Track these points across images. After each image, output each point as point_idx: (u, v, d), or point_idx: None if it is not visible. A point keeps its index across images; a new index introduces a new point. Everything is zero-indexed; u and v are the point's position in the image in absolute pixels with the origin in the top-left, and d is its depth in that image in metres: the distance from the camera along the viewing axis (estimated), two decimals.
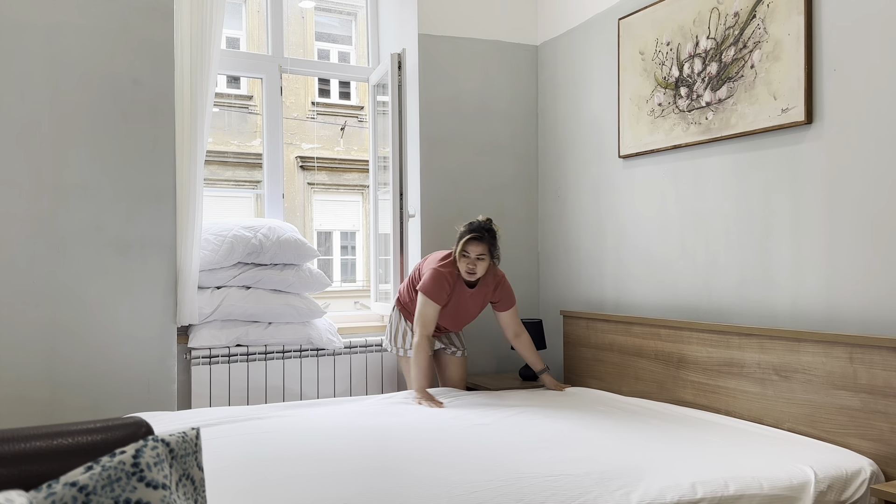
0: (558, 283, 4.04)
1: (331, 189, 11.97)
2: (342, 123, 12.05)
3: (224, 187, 10.94)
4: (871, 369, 2.35)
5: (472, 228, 3.26)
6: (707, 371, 2.94)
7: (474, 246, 3.22)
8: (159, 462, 1.12)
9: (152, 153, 3.30)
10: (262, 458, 2.26)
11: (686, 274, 3.18)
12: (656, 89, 3.30)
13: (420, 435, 2.53)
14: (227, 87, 11.25)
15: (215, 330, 3.51)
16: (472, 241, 3.22)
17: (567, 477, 2.04)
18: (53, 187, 3.14)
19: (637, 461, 2.20)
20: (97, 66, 3.21)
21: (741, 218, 2.92)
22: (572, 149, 3.93)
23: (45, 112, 3.13)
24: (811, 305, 2.64)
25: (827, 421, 2.49)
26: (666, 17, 3.25)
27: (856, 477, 2.19)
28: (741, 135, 2.89)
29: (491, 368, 4.11)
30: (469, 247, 3.23)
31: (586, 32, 3.82)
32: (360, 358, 3.86)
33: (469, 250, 3.23)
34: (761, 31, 2.80)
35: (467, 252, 3.23)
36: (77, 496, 1.03)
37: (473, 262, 3.23)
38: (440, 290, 3.27)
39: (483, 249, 3.23)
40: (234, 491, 1.93)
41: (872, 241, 2.45)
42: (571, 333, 3.74)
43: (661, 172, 3.32)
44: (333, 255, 12.09)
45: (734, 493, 1.99)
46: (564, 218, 3.99)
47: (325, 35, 11.92)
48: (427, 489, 1.94)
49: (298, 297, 3.66)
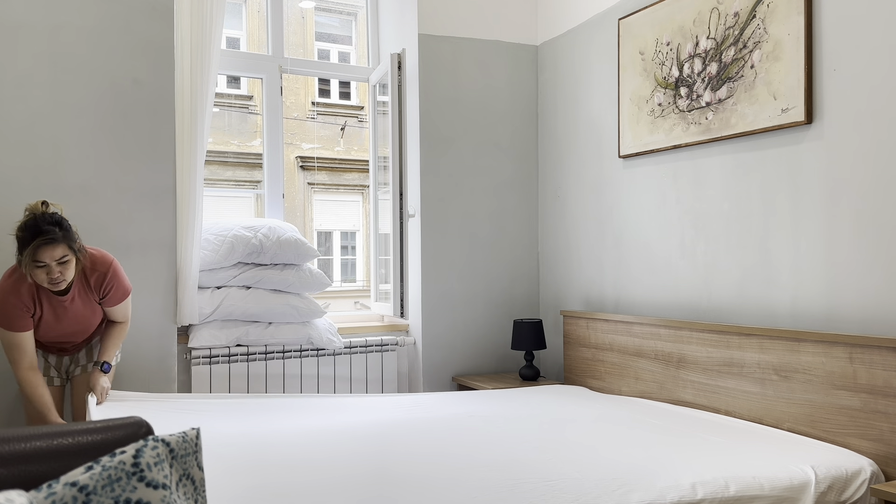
0: (558, 283, 4.04)
1: (331, 189, 11.98)
2: (342, 123, 12.05)
3: (224, 187, 10.94)
4: (871, 369, 2.35)
5: (35, 228, 2.47)
6: (707, 371, 2.94)
7: (48, 250, 2.47)
8: (159, 462, 1.12)
9: (152, 153, 3.30)
10: (261, 458, 2.26)
11: (686, 274, 3.18)
12: (656, 89, 3.30)
13: (419, 437, 2.53)
14: (227, 87, 11.25)
15: (215, 330, 3.51)
16: (44, 246, 2.46)
17: (566, 478, 2.04)
18: (53, 187, 3.14)
19: (636, 461, 2.20)
20: (97, 66, 3.21)
21: (741, 218, 2.92)
22: (572, 149, 3.93)
23: (45, 112, 3.13)
24: (811, 305, 2.64)
25: (827, 421, 2.49)
26: (666, 17, 3.25)
27: (856, 477, 2.19)
28: (741, 135, 2.89)
29: (490, 368, 4.11)
30: (42, 254, 2.47)
31: (586, 32, 3.82)
32: (360, 358, 3.86)
33: (43, 258, 2.47)
34: (761, 31, 2.80)
35: (41, 261, 2.47)
36: (77, 496, 1.03)
37: (55, 270, 2.50)
38: (13, 313, 2.57)
39: (63, 250, 2.51)
40: (234, 491, 1.93)
41: (872, 241, 2.45)
42: (571, 333, 3.75)
43: (661, 172, 3.32)
44: (333, 255, 12.09)
45: (734, 494, 1.99)
46: (564, 218, 3.99)
47: (325, 35, 11.92)
48: (424, 493, 1.94)
49: (298, 297, 3.66)
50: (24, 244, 2.47)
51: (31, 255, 2.46)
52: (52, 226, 2.49)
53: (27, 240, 2.47)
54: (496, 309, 4.12)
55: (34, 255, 2.46)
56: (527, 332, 3.81)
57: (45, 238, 2.46)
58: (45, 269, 2.49)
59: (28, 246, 2.46)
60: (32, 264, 2.48)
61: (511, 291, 4.16)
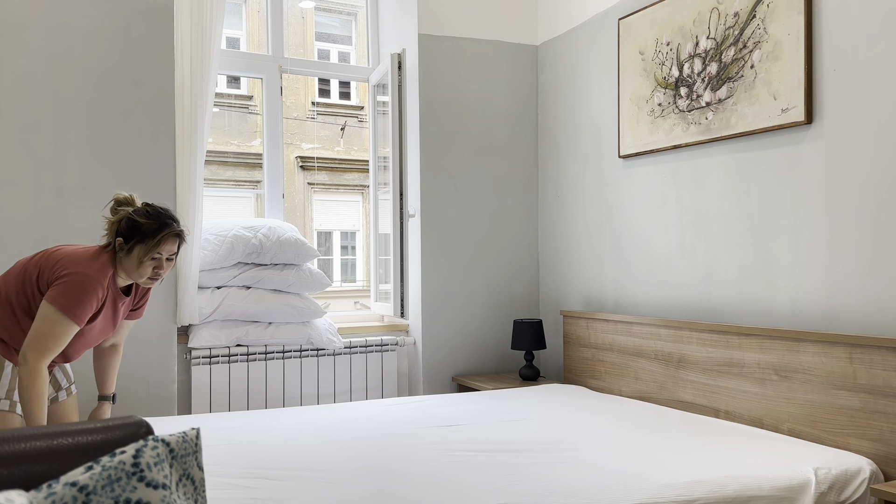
0: (558, 283, 4.04)
1: (331, 189, 11.97)
2: (342, 123, 12.05)
3: (224, 187, 10.94)
4: (871, 369, 2.35)
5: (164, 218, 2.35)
6: (707, 371, 2.94)
7: (172, 243, 2.36)
8: (159, 462, 1.12)
9: (152, 153, 3.30)
10: (261, 458, 2.26)
11: (686, 274, 3.18)
12: (656, 89, 3.30)
13: (418, 439, 2.54)
14: (227, 87, 11.25)
15: (215, 330, 3.51)
16: (172, 238, 2.35)
17: (565, 478, 2.04)
18: (54, 188, 3.14)
19: (635, 461, 2.20)
20: (97, 66, 3.21)
21: (741, 218, 2.92)
22: (572, 149, 3.93)
23: (45, 112, 3.13)
24: (811, 305, 2.64)
25: (827, 421, 2.49)
26: (666, 17, 3.25)
27: (855, 477, 2.19)
28: (741, 135, 2.89)
29: (490, 368, 4.11)
30: (167, 246, 2.34)
31: (586, 32, 3.82)
32: (361, 358, 3.86)
33: (165, 249, 2.33)
34: (761, 31, 2.80)
35: (160, 252, 2.33)
36: (77, 496, 1.03)
37: (163, 265, 2.36)
38: (88, 307, 2.25)
39: (178, 247, 2.40)
40: (235, 489, 1.93)
41: (872, 241, 2.45)
42: (571, 333, 3.75)
43: (660, 172, 3.32)
44: (333, 255, 12.09)
45: (733, 494, 1.99)
46: (564, 218, 3.99)
47: (325, 35, 11.92)
48: (422, 492, 1.94)
49: (298, 297, 3.66)
50: (148, 233, 2.29)
51: (156, 246, 2.30)
52: (175, 219, 2.38)
53: (153, 229, 2.30)
54: (496, 309, 4.12)
55: (159, 246, 2.30)
56: (527, 332, 3.81)
57: (175, 230, 2.35)
58: (156, 262, 2.33)
59: (154, 235, 2.30)
60: (150, 256, 2.30)
61: (511, 291, 4.16)
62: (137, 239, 2.30)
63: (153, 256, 2.31)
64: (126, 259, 2.31)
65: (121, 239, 2.31)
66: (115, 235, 2.33)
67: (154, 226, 2.31)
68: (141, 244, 2.30)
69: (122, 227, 2.32)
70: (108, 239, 2.36)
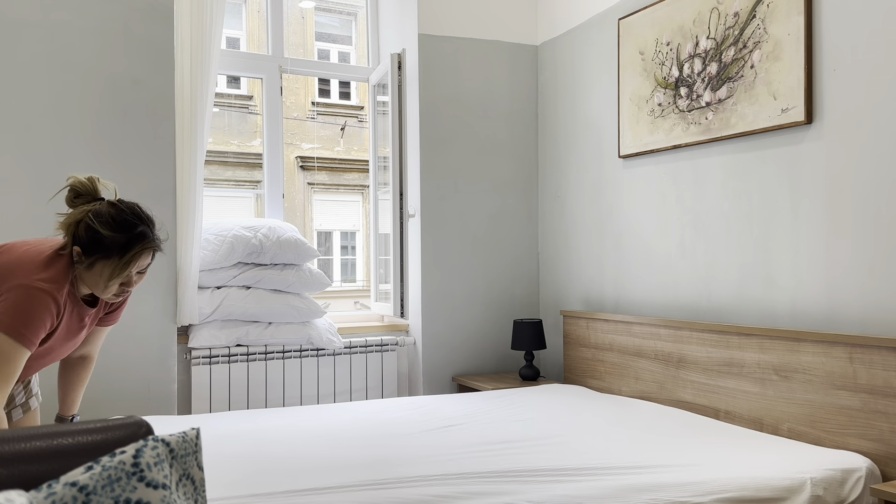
0: (558, 283, 4.04)
1: (331, 189, 11.98)
2: (342, 123, 12.05)
3: (224, 187, 10.94)
4: (871, 369, 2.35)
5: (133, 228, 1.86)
6: (707, 371, 2.94)
7: (145, 258, 1.90)
8: (159, 462, 1.12)
9: (152, 153, 3.30)
10: (261, 458, 2.26)
11: (686, 274, 3.18)
12: (656, 89, 3.30)
13: (418, 439, 2.54)
14: (227, 87, 11.25)
15: (215, 330, 3.51)
16: (146, 253, 1.89)
17: (565, 478, 2.04)
18: (54, 188, 3.14)
19: (634, 461, 2.20)
20: (97, 66, 3.21)
21: (741, 218, 2.92)
22: (572, 149, 3.93)
23: (45, 112, 3.13)
24: (811, 305, 2.64)
25: (826, 421, 2.49)
26: (666, 17, 3.25)
27: (853, 476, 2.19)
28: (741, 135, 2.89)
29: (490, 368, 4.11)
30: (140, 261, 1.88)
31: (586, 32, 3.82)
32: (360, 358, 3.86)
33: (135, 266, 1.88)
34: (761, 31, 2.80)
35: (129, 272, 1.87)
36: (77, 496, 1.03)
37: (134, 282, 1.92)
38: (40, 326, 1.80)
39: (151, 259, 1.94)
40: (235, 489, 1.93)
41: (872, 241, 2.45)
42: (571, 333, 3.75)
43: (660, 172, 3.32)
44: (333, 255, 12.09)
45: (732, 494, 1.99)
46: (564, 218, 3.99)
47: (325, 35, 11.92)
48: (422, 491, 1.94)
49: (298, 297, 3.66)
50: (113, 249, 1.83)
51: (125, 267, 1.84)
52: (148, 225, 1.91)
53: (120, 245, 1.83)
54: (496, 309, 4.12)
55: (128, 267, 1.85)
56: (527, 332, 3.81)
57: (148, 245, 1.88)
58: (126, 279, 1.89)
59: (121, 253, 1.83)
60: (117, 277, 1.85)
61: (511, 291, 4.16)
62: (101, 255, 1.83)
63: (122, 276, 1.86)
64: (87, 273, 1.85)
65: (79, 248, 1.84)
66: (72, 241, 1.85)
67: (121, 240, 1.83)
68: (105, 260, 1.83)
69: (80, 232, 1.84)
70: (64, 239, 1.88)
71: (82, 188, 1.90)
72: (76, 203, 1.89)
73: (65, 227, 1.86)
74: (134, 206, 1.90)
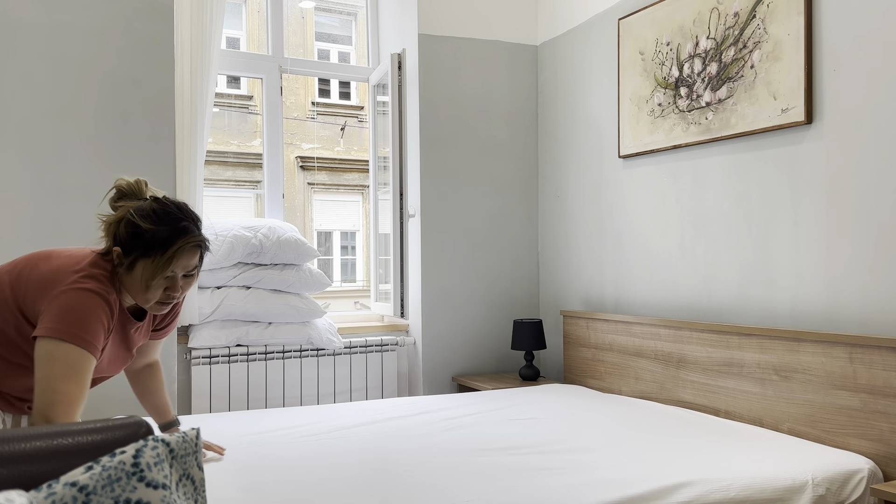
0: (558, 283, 4.04)
1: (331, 189, 11.98)
2: (342, 123, 12.05)
3: (224, 187, 10.94)
4: (871, 369, 2.35)
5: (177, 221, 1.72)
6: (707, 371, 2.94)
7: (191, 256, 1.75)
8: (159, 462, 1.12)
9: (152, 153, 3.30)
10: (261, 458, 2.26)
11: (686, 274, 3.18)
12: (656, 89, 3.30)
13: (418, 439, 2.54)
14: (227, 87, 11.25)
15: (215, 330, 3.51)
16: (190, 250, 1.73)
17: (564, 478, 2.04)
18: (54, 188, 3.14)
19: (634, 461, 2.20)
20: (97, 66, 3.21)
21: (741, 218, 2.92)
22: (572, 149, 3.93)
23: (45, 112, 3.13)
24: (811, 305, 2.64)
25: (827, 421, 2.49)
26: (666, 17, 3.25)
27: (855, 477, 2.19)
28: (741, 135, 2.89)
29: (490, 368, 4.11)
30: (183, 260, 1.73)
31: (586, 32, 3.82)
32: (361, 358, 3.86)
33: (180, 265, 1.73)
34: (761, 31, 2.80)
35: (174, 270, 1.72)
36: (77, 496, 1.03)
37: (178, 286, 1.76)
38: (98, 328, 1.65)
39: (199, 259, 1.79)
40: (235, 489, 1.93)
41: (872, 241, 2.45)
42: (571, 333, 3.75)
43: (661, 172, 3.32)
44: (333, 255, 12.09)
45: (733, 494, 1.99)
46: (564, 218, 3.99)
47: (325, 35, 11.92)
48: (421, 491, 1.94)
49: (298, 297, 3.66)
50: (154, 244, 1.68)
51: (167, 264, 1.69)
52: (194, 222, 1.76)
53: (163, 239, 1.68)
54: (496, 309, 4.12)
55: (172, 264, 1.69)
56: (527, 332, 3.81)
57: (194, 239, 1.72)
58: (170, 281, 1.73)
59: (163, 248, 1.68)
60: (159, 276, 1.69)
61: (511, 291, 4.16)
62: (141, 252, 1.69)
63: (165, 276, 1.71)
64: (127, 277, 1.71)
65: (119, 249, 1.71)
66: (113, 241, 1.74)
67: (163, 233, 1.69)
68: (146, 259, 1.69)
69: (121, 231, 1.71)
70: (106, 243, 1.76)
71: (128, 189, 1.77)
72: (118, 206, 1.77)
73: (106, 227, 1.75)
74: (180, 202, 1.78)
